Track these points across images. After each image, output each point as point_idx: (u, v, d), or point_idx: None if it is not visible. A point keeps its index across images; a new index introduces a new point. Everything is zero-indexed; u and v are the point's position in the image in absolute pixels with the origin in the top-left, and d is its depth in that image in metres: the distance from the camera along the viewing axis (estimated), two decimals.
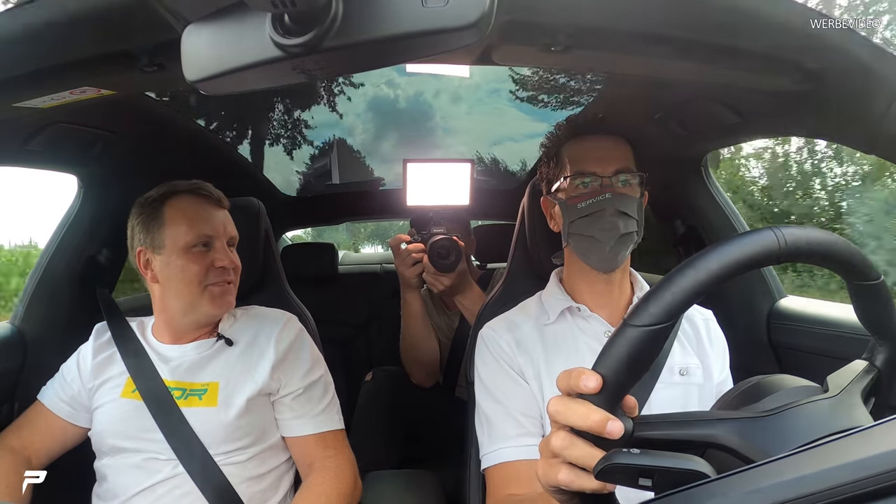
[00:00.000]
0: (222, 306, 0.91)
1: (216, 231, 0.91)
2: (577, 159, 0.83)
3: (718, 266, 0.39)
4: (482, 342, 0.86)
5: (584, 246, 0.81)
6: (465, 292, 1.24)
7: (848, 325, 1.00)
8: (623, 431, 0.39)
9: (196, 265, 0.88)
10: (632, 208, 0.79)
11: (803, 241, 0.41)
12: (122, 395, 0.90)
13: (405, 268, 1.23)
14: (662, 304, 0.39)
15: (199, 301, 0.90)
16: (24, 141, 0.89)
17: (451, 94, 1.72)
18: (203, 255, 0.89)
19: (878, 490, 0.30)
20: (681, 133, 1.11)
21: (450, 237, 1.19)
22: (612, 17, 0.56)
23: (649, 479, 0.38)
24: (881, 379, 0.47)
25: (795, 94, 0.73)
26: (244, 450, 0.88)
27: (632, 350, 0.39)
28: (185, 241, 0.89)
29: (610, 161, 0.80)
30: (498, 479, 0.77)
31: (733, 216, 1.26)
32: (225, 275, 0.91)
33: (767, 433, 0.39)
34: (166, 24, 0.49)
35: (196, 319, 0.93)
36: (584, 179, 0.81)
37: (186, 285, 0.89)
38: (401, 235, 1.26)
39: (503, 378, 0.81)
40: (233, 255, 0.93)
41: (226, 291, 0.92)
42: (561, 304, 0.85)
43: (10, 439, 0.90)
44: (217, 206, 0.94)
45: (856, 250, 0.44)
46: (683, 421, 0.42)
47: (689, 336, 0.84)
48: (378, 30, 0.36)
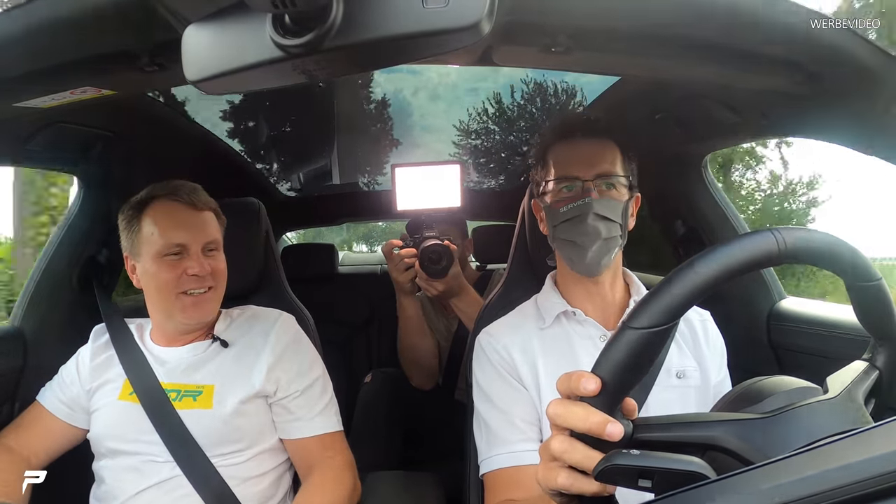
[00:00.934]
0: (194, 316, 0.89)
1: (189, 238, 0.88)
2: (560, 162, 0.82)
3: (718, 268, 0.39)
4: (480, 348, 0.86)
5: (568, 250, 0.81)
6: (460, 296, 1.23)
7: (847, 325, 1.00)
8: (623, 433, 0.39)
9: (167, 273, 0.87)
10: (614, 212, 0.78)
11: (803, 243, 0.41)
12: (119, 397, 0.89)
13: (398, 273, 1.22)
14: (662, 307, 0.39)
15: (173, 309, 0.88)
16: (25, 141, 0.89)
17: (429, 92, 1.72)
18: (175, 263, 0.87)
19: (877, 492, 0.30)
20: (681, 133, 1.11)
21: (441, 242, 1.19)
22: (612, 18, 0.56)
23: (649, 481, 0.38)
24: (881, 380, 0.47)
25: (795, 94, 0.73)
26: (241, 451, 0.88)
27: (631, 352, 0.39)
28: (157, 249, 0.87)
29: (592, 164, 0.80)
30: (496, 484, 0.77)
31: (733, 217, 1.26)
32: (199, 282, 0.88)
33: (767, 435, 0.39)
34: (167, 24, 0.49)
35: (176, 326, 0.92)
36: (566, 183, 0.81)
37: (159, 293, 0.88)
38: (393, 241, 1.25)
39: (501, 384, 0.81)
40: (212, 260, 0.90)
41: (200, 301, 0.88)
42: (556, 307, 0.84)
43: (8, 439, 0.90)
44: (193, 209, 0.90)
45: (855, 251, 0.44)
46: (683, 423, 0.42)
47: (685, 337, 0.84)
48: (378, 30, 0.36)
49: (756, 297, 1.21)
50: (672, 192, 1.30)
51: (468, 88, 1.81)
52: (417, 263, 1.19)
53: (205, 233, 0.90)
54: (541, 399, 0.79)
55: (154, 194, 0.90)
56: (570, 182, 0.81)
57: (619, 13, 0.56)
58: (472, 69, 1.52)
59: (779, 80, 0.69)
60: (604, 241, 0.78)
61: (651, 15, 0.56)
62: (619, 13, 0.56)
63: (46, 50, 0.58)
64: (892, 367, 0.48)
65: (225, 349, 0.93)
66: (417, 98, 1.75)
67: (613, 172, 0.80)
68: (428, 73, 1.54)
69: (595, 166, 0.80)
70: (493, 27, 0.37)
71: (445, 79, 1.58)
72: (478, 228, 1.91)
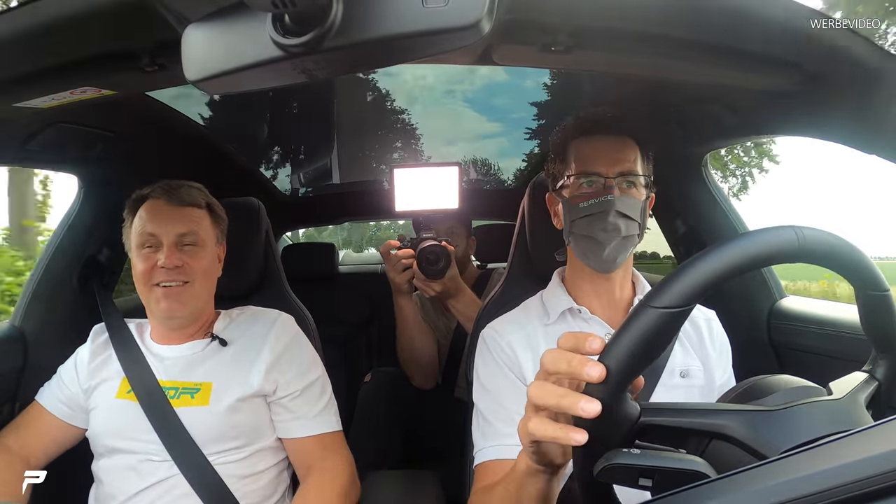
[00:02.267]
0: (167, 309, 0.89)
1: (161, 229, 0.89)
2: (582, 158, 0.82)
3: (737, 256, 0.39)
4: (483, 343, 0.86)
5: (584, 246, 0.80)
6: (457, 296, 1.24)
7: (848, 325, 1.00)
8: (603, 374, 0.39)
9: (142, 265, 0.89)
10: (634, 211, 0.78)
11: (821, 243, 0.41)
12: (117, 395, 0.90)
13: (395, 273, 1.23)
14: (681, 288, 0.39)
15: (150, 301, 0.90)
16: (25, 141, 0.89)
17: (405, 94, 1.71)
18: (149, 255, 0.89)
19: (877, 491, 0.30)
20: (681, 133, 1.11)
21: (440, 243, 1.19)
22: (612, 18, 0.56)
23: (650, 480, 0.38)
24: (880, 391, 0.48)
25: (795, 94, 0.73)
26: (238, 449, 0.88)
27: (646, 332, 0.39)
28: (137, 242, 0.90)
29: (615, 162, 0.80)
30: (484, 474, 0.77)
31: (734, 216, 1.26)
32: (170, 274, 0.88)
33: (775, 427, 0.39)
34: (167, 23, 0.49)
35: (161, 322, 0.94)
36: (587, 179, 0.80)
37: (138, 285, 0.91)
38: (391, 241, 1.26)
39: (502, 380, 0.81)
40: (186, 255, 0.90)
41: (171, 294, 0.88)
42: (562, 304, 0.84)
43: (7, 439, 0.90)
44: (174, 204, 0.91)
45: (868, 259, 0.44)
46: (691, 409, 0.42)
47: (690, 337, 0.84)
48: (378, 30, 0.36)
49: (757, 296, 1.21)
50: (672, 192, 1.30)
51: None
52: (415, 264, 1.19)
53: (179, 225, 0.90)
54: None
55: (147, 192, 0.93)
56: (592, 178, 0.80)
57: (620, 12, 0.56)
58: (429, 69, 1.52)
59: (779, 80, 0.69)
60: (622, 238, 0.78)
61: (651, 14, 0.56)
62: (620, 12, 0.56)
63: (46, 50, 0.58)
64: (891, 379, 0.48)
65: (224, 348, 0.93)
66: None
67: (635, 171, 0.80)
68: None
69: (617, 164, 0.79)
70: (492, 26, 0.37)
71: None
72: (478, 228, 1.91)
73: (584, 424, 0.40)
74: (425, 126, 1.90)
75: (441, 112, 1.83)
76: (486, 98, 1.73)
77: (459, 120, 1.82)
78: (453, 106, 1.77)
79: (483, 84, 1.65)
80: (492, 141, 2.03)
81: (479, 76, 1.60)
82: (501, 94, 1.74)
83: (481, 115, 1.80)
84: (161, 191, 0.92)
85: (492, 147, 2.07)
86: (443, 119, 1.87)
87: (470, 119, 1.79)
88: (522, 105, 1.66)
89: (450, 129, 2.01)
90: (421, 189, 1.11)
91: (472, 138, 1.98)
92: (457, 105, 1.76)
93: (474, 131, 1.93)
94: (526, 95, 1.63)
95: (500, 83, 1.65)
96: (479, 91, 1.68)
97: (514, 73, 1.53)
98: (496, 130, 1.97)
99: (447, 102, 1.78)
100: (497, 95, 1.75)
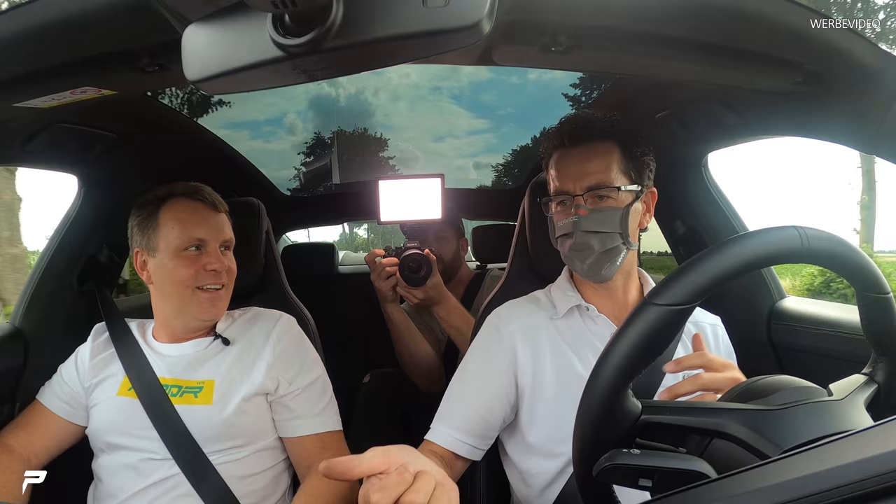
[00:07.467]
0: (210, 312, 0.91)
1: (209, 234, 0.91)
2: (557, 175, 0.83)
3: (741, 255, 0.39)
4: (487, 326, 0.87)
5: (569, 261, 0.83)
6: (441, 304, 1.25)
7: (848, 325, 1.00)
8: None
9: (186, 268, 0.89)
10: (607, 224, 0.78)
11: (823, 245, 0.41)
12: (118, 393, 0.90)
13: (380, 281, 1.25)
14: (685, 286, 0.39)
15: (189, 304, 0.90)
16: (25, 141, 0.89)
17: (390, 92, 1.72)
18: (194, 258, 0.89)
19: (877, 491, 0.30)
20: (681, 133, 1.11)
21: (422, 252, 1.22)
22: (612, 18, 0.56)
23: (650, 480, 0.38)
24: (880, 394, 0.48)
25: (796, 94, 0.73)
26: (239, 448, 0.88)
27: (648, 329, 0.39)
28: (177, 244, 0.89)
29: (581, 176, 0.79)
30: (422, 450, 0.77)
31: (734, 217, 1.26)
32: (216, 277, 0.90)
33: (777, 426, 0.39)
34: (167, 24, 0.49)
35: (186, 322, 0.93)
36: (560, 199, 0.82)
37: (176, 287, 0.89)
38: (375, 250, 1.28)
39: (486, 369, 0.82)
40: (227, 259, 0.93)
41: (215, 298, 0.91)
42: (571, 301, 0.85)
43: (7, 438, 0.90)
44: (213, 209, 0.93)
45: (869, 262, 0.44)
46: (692, 408, 0.42)
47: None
48: (379, 30, 0.36)
49: (756, 297, 1.21)
50: (672, 192, 1.30)
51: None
52: (398, 272, 1.21)
53: (223, 231, 0.94)
54: (539, 386, 0.80)
55: (174, 192, 0.93)
56: (563, 197, 0.82)
57: (620, 12, 0.56)
58: (414, 67, 1.52)
59: (779, 81, 0.69)
60: (600, 254, 0.78)
61: (651, 14, 0.56)
62: (620, 12, 0.56)
63: (46, 50, 0.58)
64: (890, 382, 0.48)
65: (227, 347, 0.93)
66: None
67: (604, 182, 0.78)
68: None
69: (584, 178, 0.79)
70: (493, 26, 0.36)
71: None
72: (478, 228, 1.91)
73: (584, 423, 0.40)
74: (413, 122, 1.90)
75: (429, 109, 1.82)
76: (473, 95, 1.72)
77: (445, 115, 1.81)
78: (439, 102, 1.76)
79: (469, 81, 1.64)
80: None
81: (465, 73, 1.60)
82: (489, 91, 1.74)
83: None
84: (198, 193, 0.93)
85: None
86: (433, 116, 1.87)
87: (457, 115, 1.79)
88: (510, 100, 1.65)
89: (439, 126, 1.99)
90: (404, 200, 1.14)
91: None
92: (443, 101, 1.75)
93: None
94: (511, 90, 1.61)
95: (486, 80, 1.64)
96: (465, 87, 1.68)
97: (512, 71, 1.53)
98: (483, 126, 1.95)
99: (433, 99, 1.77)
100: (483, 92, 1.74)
